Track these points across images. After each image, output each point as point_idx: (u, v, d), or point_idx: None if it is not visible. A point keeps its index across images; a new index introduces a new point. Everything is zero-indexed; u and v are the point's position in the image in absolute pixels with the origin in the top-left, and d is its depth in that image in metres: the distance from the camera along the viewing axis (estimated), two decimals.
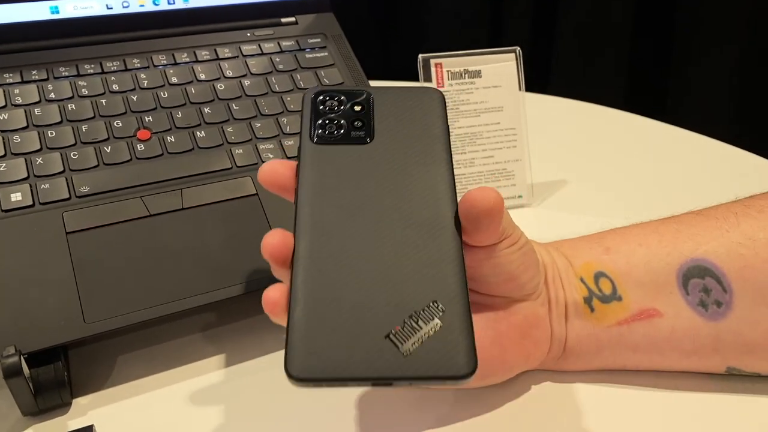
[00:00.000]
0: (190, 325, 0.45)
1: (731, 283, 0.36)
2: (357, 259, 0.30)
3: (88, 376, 0.42)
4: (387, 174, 0.32)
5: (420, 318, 0.28)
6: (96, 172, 0.45)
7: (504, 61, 0.57)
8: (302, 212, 0.31)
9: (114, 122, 0.47)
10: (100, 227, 0.42)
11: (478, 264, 0.34)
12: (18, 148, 0.45)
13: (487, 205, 0.31)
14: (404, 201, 0.32)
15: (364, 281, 0.29)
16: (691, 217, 0.39)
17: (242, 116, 0.50)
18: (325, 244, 0.30)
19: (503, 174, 0.58)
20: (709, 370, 0.38)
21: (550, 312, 0.38)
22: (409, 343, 0.27)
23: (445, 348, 0.27)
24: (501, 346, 0.36)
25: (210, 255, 0.42)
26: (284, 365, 0.27)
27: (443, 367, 0.27)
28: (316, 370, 0.27)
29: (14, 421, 0.39)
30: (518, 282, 0.35)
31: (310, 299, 0.29)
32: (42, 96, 0.48)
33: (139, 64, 0.51)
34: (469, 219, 0.31)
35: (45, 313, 0.38)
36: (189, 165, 0.46)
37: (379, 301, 0.29)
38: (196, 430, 0.38)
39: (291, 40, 0.57)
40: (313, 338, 0.27)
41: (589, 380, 0.39)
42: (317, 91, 0.36)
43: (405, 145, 0.34)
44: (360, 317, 0.28)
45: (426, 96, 0.36)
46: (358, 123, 0.34)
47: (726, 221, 0.38)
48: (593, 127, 0.73)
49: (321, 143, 0.34)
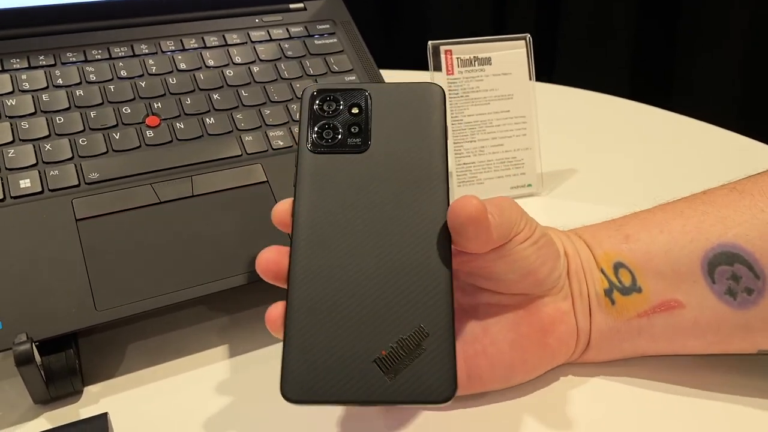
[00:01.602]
0: (200, 313, 0.45)
1: (765, 268, 0.34)
2: (349, 281, 0.31)
3: (99, 364, 0.41)
4: (382, 187, 0.33)
5: (405, 343, 0.30)
6: (105, 159, 0.44)
7: (514, 48, 0.57)
8: (298, 229, 0.32)
9: (123, 108, 0.47)
10: (109, 214, 0.42)
11: (493, 264, 0.34)
12: (26, 135, 0.44)
13: (467, 213, 0.31)
14: (397, 216, 0.32)
15: (355, 304, 0.31)
16: (723, 193, 0.37)
17: (251, 103, 0.50)
18: (318, 265, 0.31)
19: (513, 162, 0.57)
20: (739, 352, 0.36)
21: (574, 306, 0.37)
22: (394, 369, 0.30)
23: (428, 373, 0.29)
24: (521, 348, 0.35)
25: (221, 242, 0.42)
26: (280, 386, 0.29)
27: (424, 392, 0.29)
28: (308, 393, 0.29)
29: (26, 408, 0.38)
30: (537, 277, 0.35)
31: (302, 322, 0.30)
32: (50, 82, 0.47)
33: (147, 50, 0.51)
34: (455, 230, 0.32)
35: (56, 301, 0.38)
36: (199, 152, 0.46)
37: (369, 324, 0.30)
38: (207, 418, 0.37)
39: (300, 26, 0.56)
40: (305, 361, 0.30)
41: (611, 373, 0.38)
42: (315, 91, 0.35)
43: (401, 153, 0.34)
44: (350, 340, 0.30)
45: (426, 93, 0.35)
46: (355, 128, 0.34)
47: (762, 197, 0.35)
48: (600, 117, 0.72)
49: (317, 152, 0.34)
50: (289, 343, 0.30)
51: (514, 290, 0.35)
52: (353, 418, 0.37)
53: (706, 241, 0.35)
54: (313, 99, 0.35)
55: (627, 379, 0.38)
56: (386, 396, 0.29)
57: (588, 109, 0.74)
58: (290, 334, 0.30)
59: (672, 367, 0.38)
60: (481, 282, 0.36)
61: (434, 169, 0.33)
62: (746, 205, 0.35)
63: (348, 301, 0.31)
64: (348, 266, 0.31)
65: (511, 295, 0.36)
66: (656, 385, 0.38)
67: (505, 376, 0.36)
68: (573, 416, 0.36)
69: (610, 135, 0.68)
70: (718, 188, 0.38)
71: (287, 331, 0.30)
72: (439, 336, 0.30)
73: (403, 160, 0.34)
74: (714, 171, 0.60)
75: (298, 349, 0.30)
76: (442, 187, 0.33)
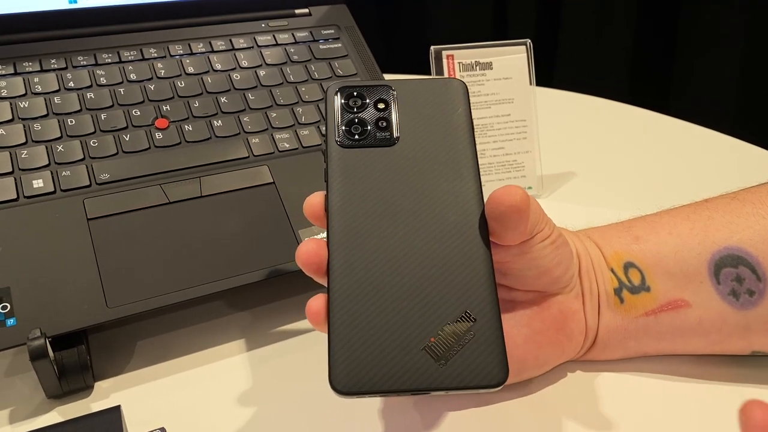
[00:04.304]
0: (207, 310, 0.46)
1: (766, 271, 0.35)
2: (390, 270, 0.31)
3: (109, 360, 0.42)
4: (414, 178, 0.33)
5: (453, 330, 0.30)
6: (116, 160, 0.45)
7: (515, 53, 0.58)
8: (334, 221, 0.32)
9: (132, 111, 0.48)
10: (120, 214, 0.43)
11: (512, 260, 0.34)
12: (39, 136, 0.45)
13: (512, 202, 0.31)
14: (432, 206, 0.32)
15: (398, 292, 0.30)
16: (725, 202, 0.38)
17: (258, 106, 0.51)
18: (358, 255, 0.31)
19: (513, 165, 0.58)
20: (734, 353, 0.38)
21: (584, 304, 0.38)
22: (445, 355, 0.29)
23: (479, 358, 0.29)
24: (535, 343, 0.36)
25: (228, 242, 0.43)
26: (329, 378, 0.29)
27: (477, 377, 0.29)
28: (359, 384, 0.28)
29: (38, 402, 0.39)
30: (552, 276, 0.36)
31: (347, 313, 0.30)
32: (61, 84, 0.48)
33: (156, 54, 0.52)
34: (495, 218, 0.32)
35: (68, 298, 0.39)
36: (207, 153, 0.47)
37: (414, 311, 0.30)
38: (216, 412, 0.38)
39: (305, 31, 0.57)
40: (354, 352, 0.29)
41: (619, 369, 0.39)
42: (339, 88, 0.36)
43: (430, 145, 0.34)
44: (397, 329, 0.30)
45: (449, 88, 0.36)
46: (383, 123, 0.35)
47: (763, 206, 0.37)
48: (599, 120, 0.73)
49: (347, 147, 0.34)
50: (335, 334, 0.29)
51: (529, 287, 0.36)
52: (358, 419, 0.38)
53: (713, 244, 0.37)
54: (339, 96, 0.35)
55: (633, 374, 0.39)
56: (439, 383, 0.29)
57: (588, 113, 0.75)
58: (335, 325, 0.30)
59: (676, 361, 0.39)
60: (498, 278, 0.37)
61: (464, 160, 0.34)
62: (748, 212, 0.37)
63: (391, 290, 0.30)
64: (387, 256, 0.31)
65: (525, 291, 0.36)
66: (663, 377, 0.39)
67: (517, 370, 0.37)
68: (581, 411, 0.37)
69: (609, 138, 0.69)
70: (718, 197, 0.39)
71: (332, 323, 0.30)
72: (486, 321, 0.30)
73: (432, 152, 0.34)
74: (711, 174, 0.61)
75: (344, 340, 0.29)
76: (475, 177, 0.33)
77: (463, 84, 0.36)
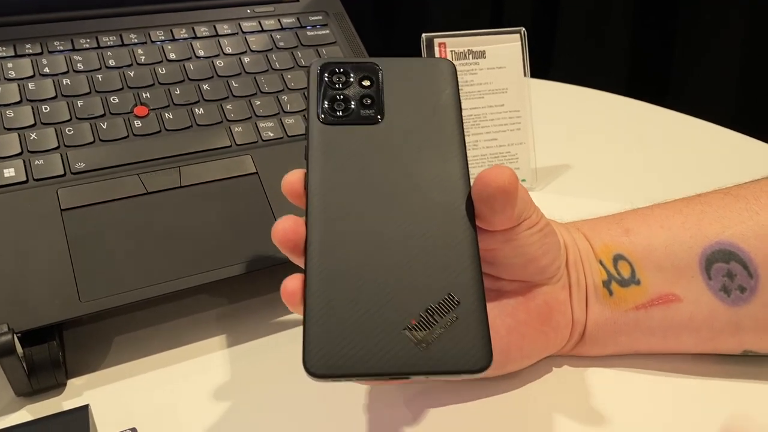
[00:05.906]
0: (186, 305, 0.45)
1: (758, 268, 0.35)
2: (371, 250, 0.29)
3: (84, 357, 0.41)
4: (398, 157, 0.32)
5: (436, 311, 0.28)
6: (92, 149, 0.44)
7: (509, 41, 0.56)
8: (313, 199, 0.31)
9: (110, 98, 0.46)
10: (95, 204, 0.41)
11: (498, 247, 0.33)
12: (11, 123, 0.43)
13: (500, 183, 0.30)
14: (416, 186, 0.31)
15: (379, 273, 0.29)
16: (718, 197, 0.38)
17: (242, 93, 0.49)
18: (337, 234, 0.30)
19: (507, 157, 0.57)
20: (725, 352, 0.37)
21: (571, 296, 0.37)
22: (426, 338, 0.27)
23: (461, 342, 0.27)
24: (519, 334, 0.35)
25: (208, 234, 0.41)
26: (303, 361, 0.27)
27: (459, 361, 0.27)
28: (334, 367, 0.27)
29: (8, 401, 0.38)
30: (539, 265, 0.35)
31: (324, 293, 0.28)
32: (36, 70, 0.46)
33: (137, 40, 0.50)
34: (482, 200, 0.30)
35: (39, 292, 0.37)
36: (187, 142, 0.45)
37: (395, 293, 0.28)
38: (191, 412, 0.37)
39: (292, 17, 0.55)
40: (330, 333, 0.27)
41: (607, 365, 0.38)
42: (323, 64, 0.34)
43: (416, 125, 0.33)
44: (376, 310, 0.28)
45: (437, 68, 0.34)
46: (367, 100, 0.33)
47: (756, 202, 0.36)
48: (595, 113, 0.72)
49: (329, 123, 0.33)
50: (311, 315, 0.28)
51: (515, 276, 0.35)
52: (342, 414, 0.36)
53: (705, 238, 0.36)
54: (322, 71, 0.34)
55: (621, 370, 0.38)
56: (419, 367, 0.27)
57: (583, 106, 0.74)
58: (311, 306, 0.28)
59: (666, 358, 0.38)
60: (484, 267, 0.36)
61: (451, 141, 0.32)
62: (741, 207, 0.36)
63: (371, 271, 0.29)
64: (368, 235, 0.30)
65: (511, 281, 0.35)
66: (652, 373, 0.38)
67: (501, 362, 0.35)
68: (567, 406, 0.36)
69: (604, 131, 0.68)
70: (711, 192, 0.39)
71: (308, 303, 0.28)
72: (470, 304, 0.28)
73: (418, 131, 0.32)
74: (708, 167, 0.60)
75: (320, 321, 0.28)
76: (461, 158, 0.32)
77: (451, 64, 0.35)
